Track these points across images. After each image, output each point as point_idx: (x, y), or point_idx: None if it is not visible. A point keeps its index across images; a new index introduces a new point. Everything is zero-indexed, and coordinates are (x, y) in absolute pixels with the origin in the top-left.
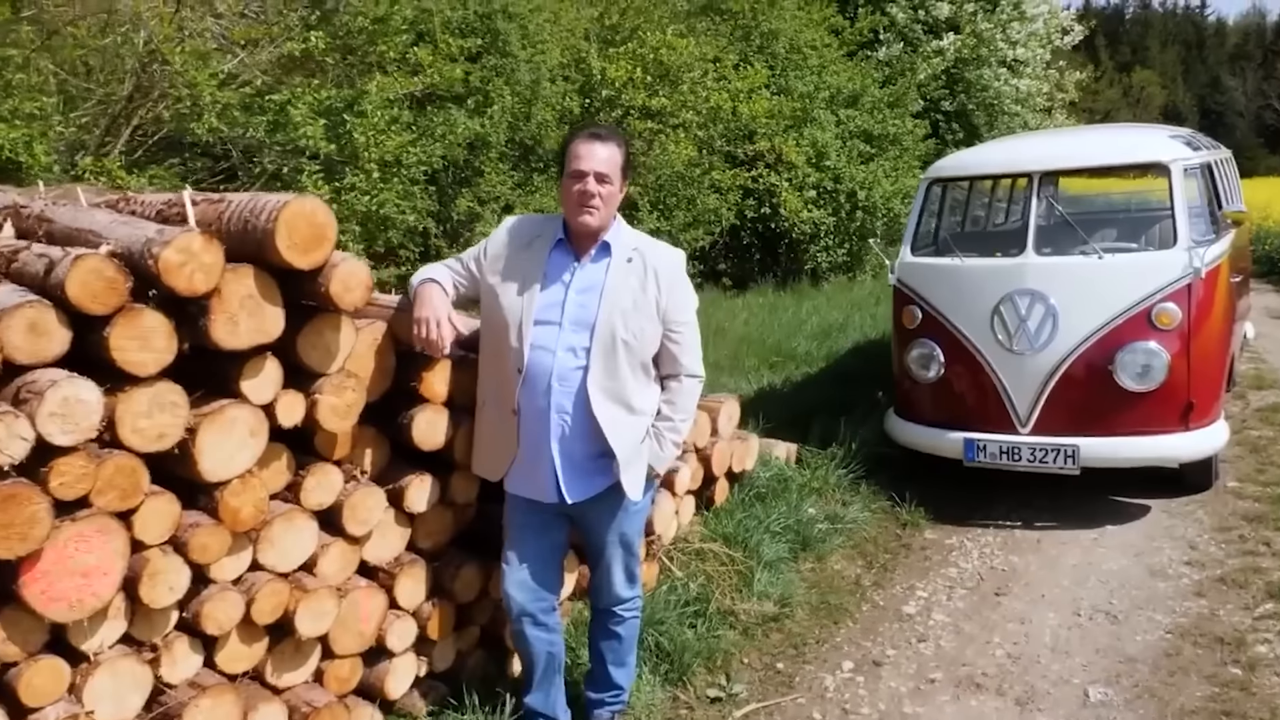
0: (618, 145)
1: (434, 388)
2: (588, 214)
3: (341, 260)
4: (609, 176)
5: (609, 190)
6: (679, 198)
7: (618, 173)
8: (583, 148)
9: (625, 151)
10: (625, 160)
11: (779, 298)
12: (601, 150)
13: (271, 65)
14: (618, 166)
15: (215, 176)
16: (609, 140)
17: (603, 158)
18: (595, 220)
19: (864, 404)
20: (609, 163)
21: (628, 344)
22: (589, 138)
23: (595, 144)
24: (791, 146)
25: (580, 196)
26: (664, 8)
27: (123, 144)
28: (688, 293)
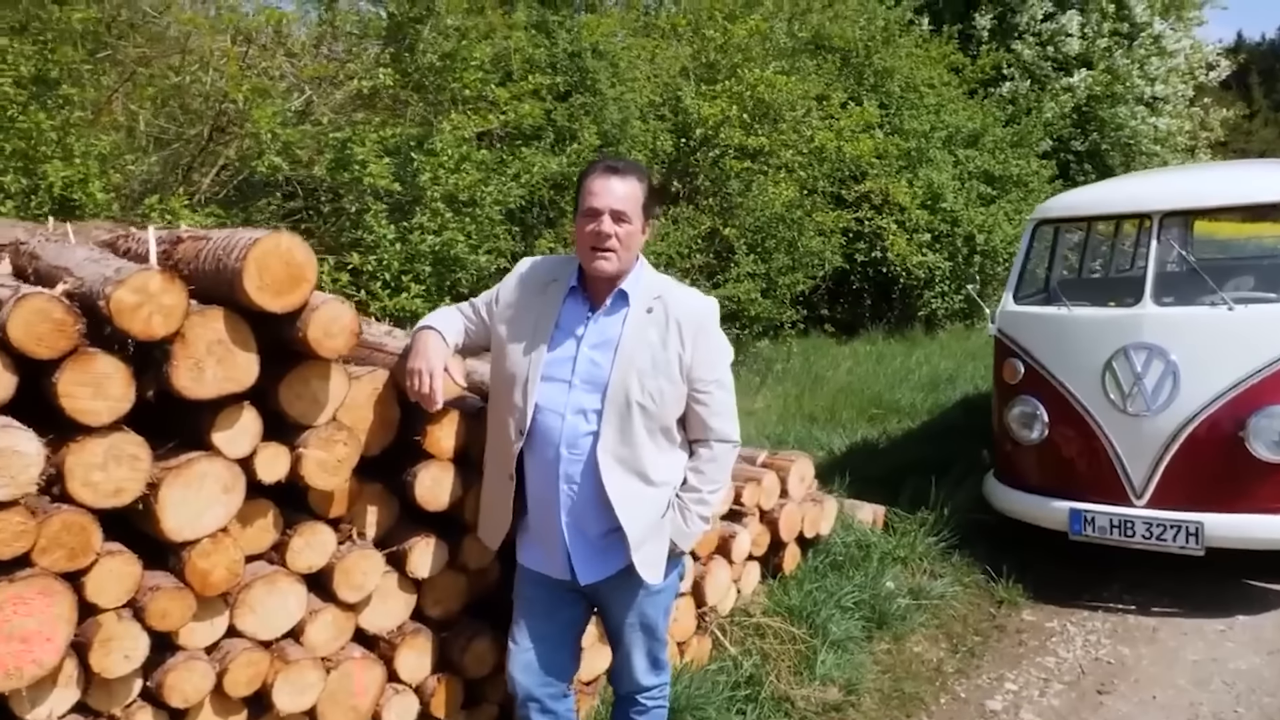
0: (638, 179)
1: (440, 442)
2: (603, 258)
3: (322, 303)
4: (627, 215)
5: (627, 231)
6: (778, 240)
7: (638, 210)
8: (597, 183)
9: (648, 186)
10: (648, 196)
11: (888, 345)
12: (619, 185)
13: (344, 103)
14: (638, 204)
15: (288, 217)
16: (628, 174)
17: (620, 194)
18: (611, 265)
19: (965, 464)
20: (627, 199)
21: (644, 407)
22: (604, 171)
23: (611, 178)
24: (900, 187)
25: (594, 238)
26: (767, 45)
27: (208, 184)
28: (717, 348)
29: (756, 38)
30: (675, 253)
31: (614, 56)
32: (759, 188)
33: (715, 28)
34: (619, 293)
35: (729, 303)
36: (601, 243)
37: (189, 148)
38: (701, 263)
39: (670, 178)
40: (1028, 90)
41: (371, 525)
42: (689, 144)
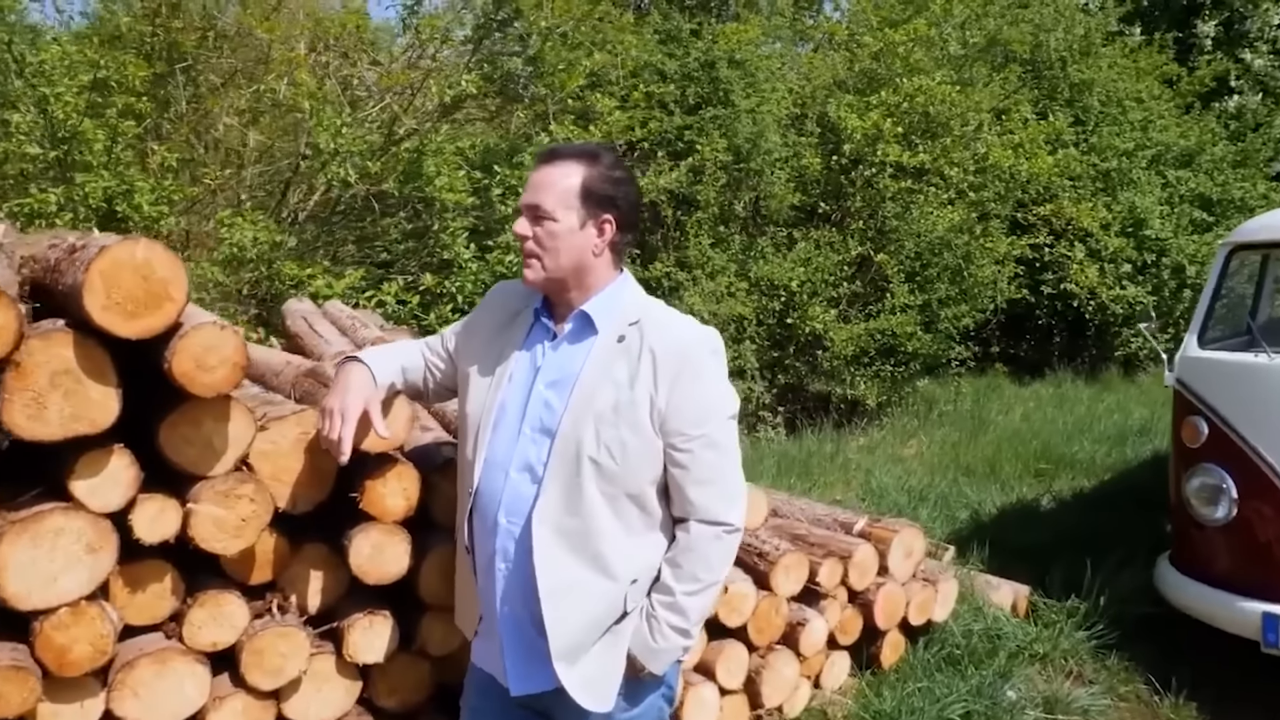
0: (578, 162)
1: (383, 501)
2: (525, 269)
3: (195, 327)
4: (544, 209)
5: (548, 231)
6: (940, 268)
7: (569, 203)
8: (531, 176)
9: (600, 173)
10: (595, 185)
11: (1074, 389)
12: (544, 174)
13: (431, 114)
14: (570, 194)
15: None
16: (563, 158)
17: (540, 183)
18: (532, 274)
19: (1140, 541)
20: (548, 190)
21: (599, 465)
22: (539, 160)
23: (541, 167)
24: (1089, 211)
25: (521, 242)
26: (933, 52)
27: (297, 200)
28: (707, 392)
29: (921, 44)
30: (822, 280)
31: (752, 66)
32: (919, 210)
33: (872, 33)
34: (580, 315)
35: (882, 336)
36: (522, 247)
37: (288, 164)
38: (852, 292)
39: (818, 199)
40: (1258, 104)
41: (313, 595)
42: (839, 162)
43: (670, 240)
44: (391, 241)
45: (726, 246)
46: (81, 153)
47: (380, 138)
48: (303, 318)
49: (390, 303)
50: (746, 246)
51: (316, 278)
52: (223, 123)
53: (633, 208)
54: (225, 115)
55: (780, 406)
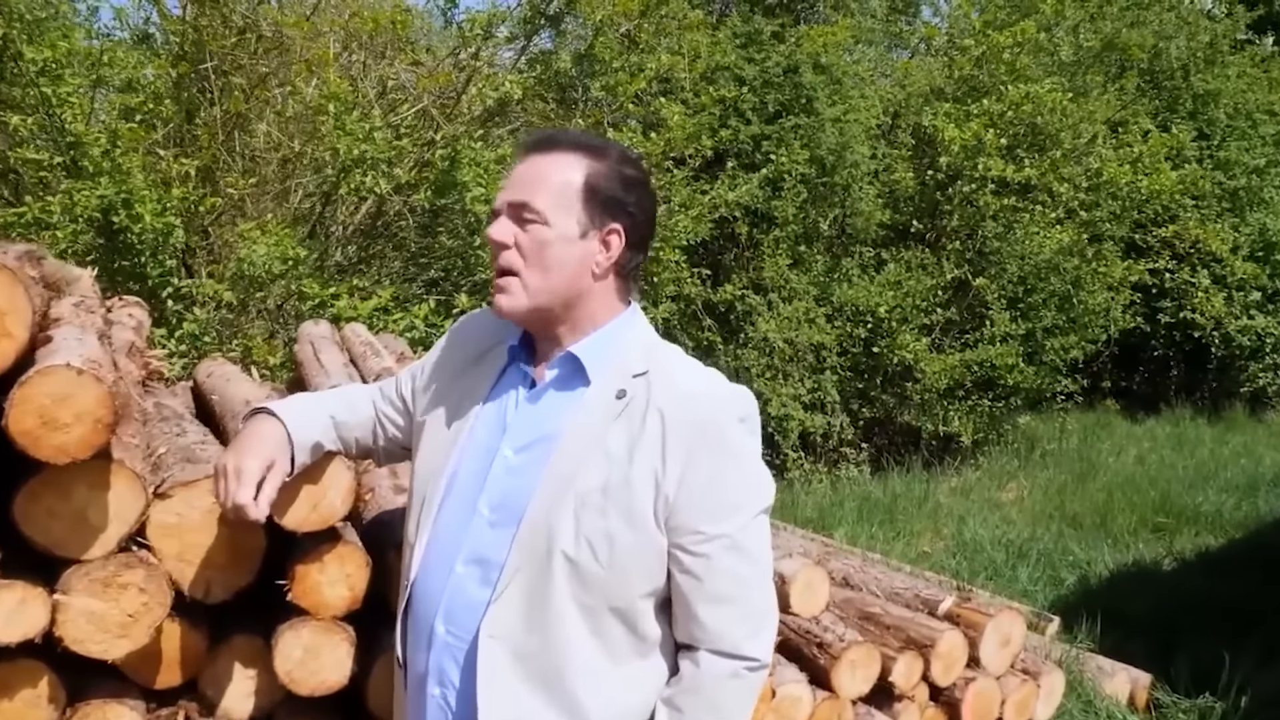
0: (583, 154)
1: (318, 592)
2: (499, 294)
3: (39, 372)
4: (532, 209)
5: (536, 237)
6: (1047, 294)
7: (568, 203)
8: (515, 169)
9: (609, 168)
10: (605, 184)
11: (1195, 428)
12: (534, 165)
13: (474, 120)
14: (570, 192)
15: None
16: (560, 148)
17: (529, 176)
18: (508, 300)
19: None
20: (542, 185)
21: (576, 566)
22: (526, 149)
23: (529, 157)
24: (1213, 232)
25: (494, 259)
26: (1042, 57)
27: (344, 215)
28: (734, 473)
29: (1029, 48)
30: (913, 306)
31: (839, 71)
32: (1023, 230)
33: (974, 36)
34: (568, 359)
35: (980, 368)
36: (495, 261)
37: (328, 175)
38: (946, 319)
39: (910, 217)
40: None
41: (239, 700)
42: (934, 177)
43: (745, 260)
44: (436, 258)
45: (807, 268)
46: (77, 159)
47: (413, 144)
48: (310, 343)
49: (420, 325)
50: (830, 268)
51: (340, 298)
52: (260, 130)
53: (648, 220)
54: (259, 120)
55: (864, 442)
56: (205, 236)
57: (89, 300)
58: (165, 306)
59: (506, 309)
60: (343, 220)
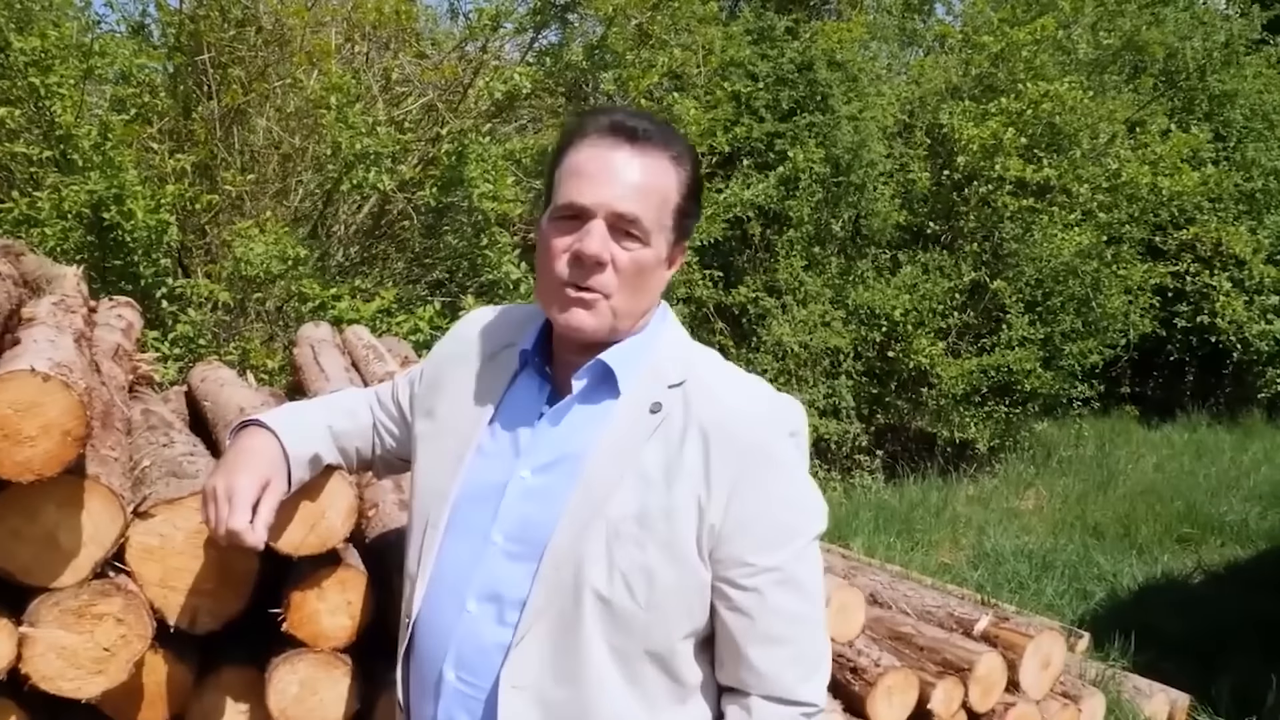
0: (672, 156)
1: (316, 621)
2: (580, 306)
3: (7, 379)
4: (641, 225)
5: (636, 259)
6: (1065, 298)
7: (665, 218)
8: (590, 155)
9: (690, 175)
10: (687, 194)
11: (1213, 435)
12: (634, 164)
13: (481, 114)
14: (668, 205)
15: (414, 259)
16: (653, 144)
17: (633, 181)
18: (594, 320)
19: None
20: (646, 194)
21: (609, 606)
22: (608, 133)
23: (621, 148)
24: (1239, 235)
25: (574, 265)
26: (1060, 55)
27: (346, 213)
28: (786, 498)
29: (1047, 45)
30: (929, 309)
31: (855, 67)
32: (1041, 231)
33: (991, 32)
34: (597, 368)
35: (997, 373)
36: (584, 275)
37: (325, 171)
38: (963, 323)
39: (925, 218)
40: None
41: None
42: (951, 177)
43: (758, 262)
44: (441, 259)
45: (821, 270)
46: (66, 153)
47: (418, 138)
48: (310, 346)
49: (425, 328)
50: (844, 270)
51: (342, 299)
52: (260, 125)
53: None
54: (258, 115)
55: (879, 449)
56: (202, 235)
57: (70, 299)
58: (159, 308)
59: (590, 329)
60: (344, 220)
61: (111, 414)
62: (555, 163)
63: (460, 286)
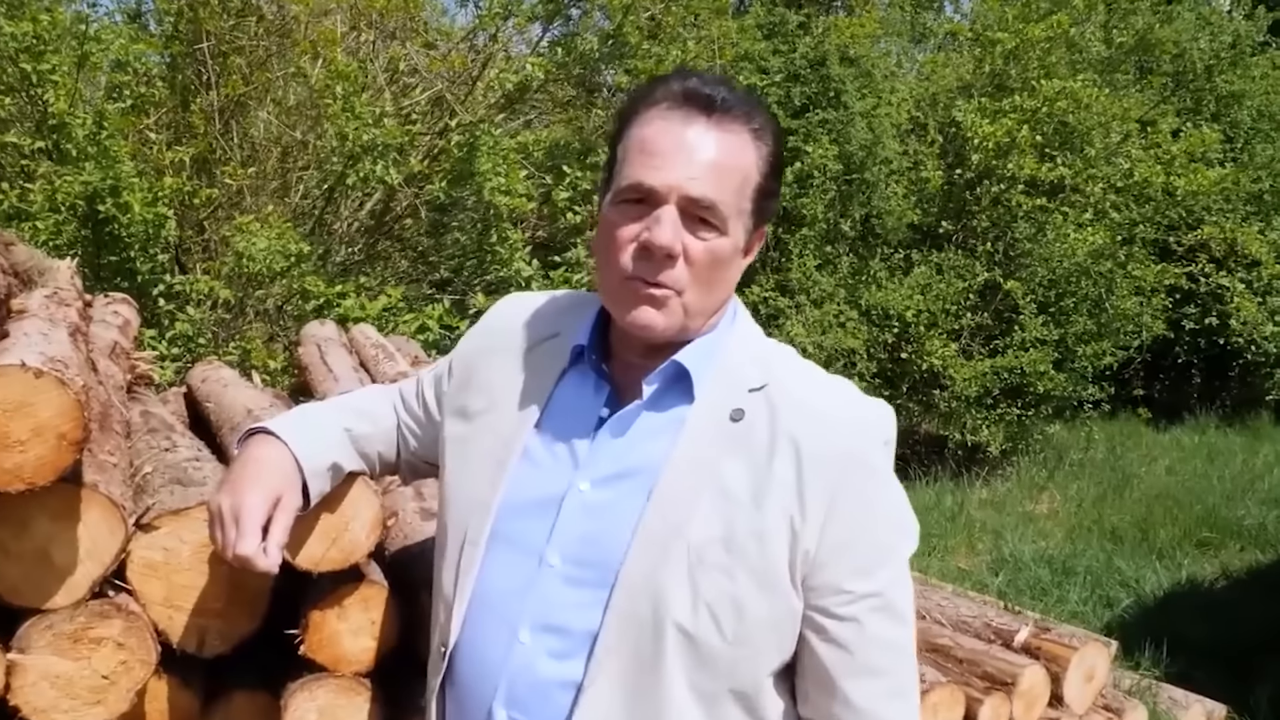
0: (749, 128)
1: (337, 643)
2: (648, 304)
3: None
4: (718, 211)
5: (711, 248)
6: (1079, 298)
7: (743, 203)
8: (660, 131)
9: (772, 152)
10: (769, 174)
11: (1222, 437)
12: (709, 141)
13: (491, 106)
14: (747, 186)
15: (418, 255)
16: (728, 117)
17: (706, 161)
18: (664, 320)
19: None
20: (724, 174)
21: (694, 642)
22: (681, 103)
23: (695, 122)
24: (1252, 235)
25: (641, 257)
26: (1073, 53)
27: (349, 209)
28: (883, 516)
29: (1060, 42)
30: (942, 310)
31: (868, 63)
32: (1055, 231)
33: (1006, 28)
34: (671, 370)
35: (1010, 375)
36: (654, 269)
37: (334, 165)
38: (975, 324)
39: (939, 217)
40: None
41: None
42: (964, 175)
43: (770, 261)
44: (449, 257)
45: (834, 269)
46: (60, 142)
47: (426, 130)
48: (317, 345)
49: (433, 327)
50: (856, 269)
51: (347, 297)
52: (261, 116)
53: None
54: (259, 106)
55: None
56: (200, 231)
57: (64, 293)
58: (156, 305)
59: (659, 329)
60: (346, 216)
61: (110, 416)
62: (619, 135)
63: (467, 284)
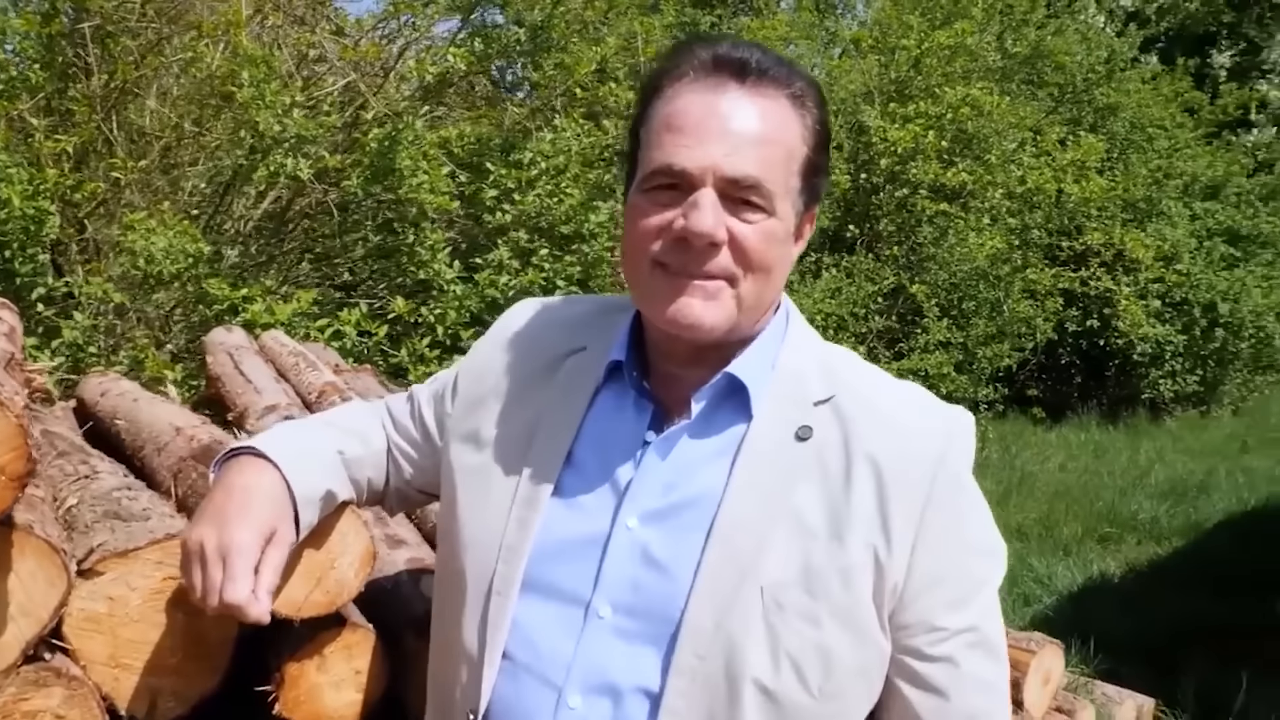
0: (788, 92)
1: (316, 698)
2: (693, 297)
3: None
4: (765, 191)
5: (764, 231)
6: (979, 302)
7: (792, 172)
8: (689, 104)
9: (816, 114)
10: (817, 136)
11: (1106, 435)
12: (746, 110)
13: (407, 99)
14: (795, 164)
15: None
16: (764, 82)
17: (745, 133)
18: (716, 316)
19: (1271, 631)
20: (764, 147)
21: (774, 699)
22: (709, 72)
23: (725, 91)
24: (1138, 240)
25: (677, 249)
26: (969, 61)
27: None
28: (973, 538)
29: (961, 51)
30: (849, 314)
31: None
32: (957, 236)
33: (910, 36)
34: (724, 382)
35: (915, 378)
36: (695, 261)
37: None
38: (882, 327)
39: (846, 221)
40: (1272, 139)
41: None
42: (869, 180)
43: None
44: (357, 260)
45: None
46: None
47: (341, 121)
48: (228, 354)
49: (350, 334)
50: None
51: (255, 301)
52: (149, 105)
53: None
54: (147, 95)
55: None
56: (80, 229)
57: None
58: (35, 311)
59: (709, 326)
60: (239, 214)
61: (40, 446)
62: (641, 117)
63: (390, 288)
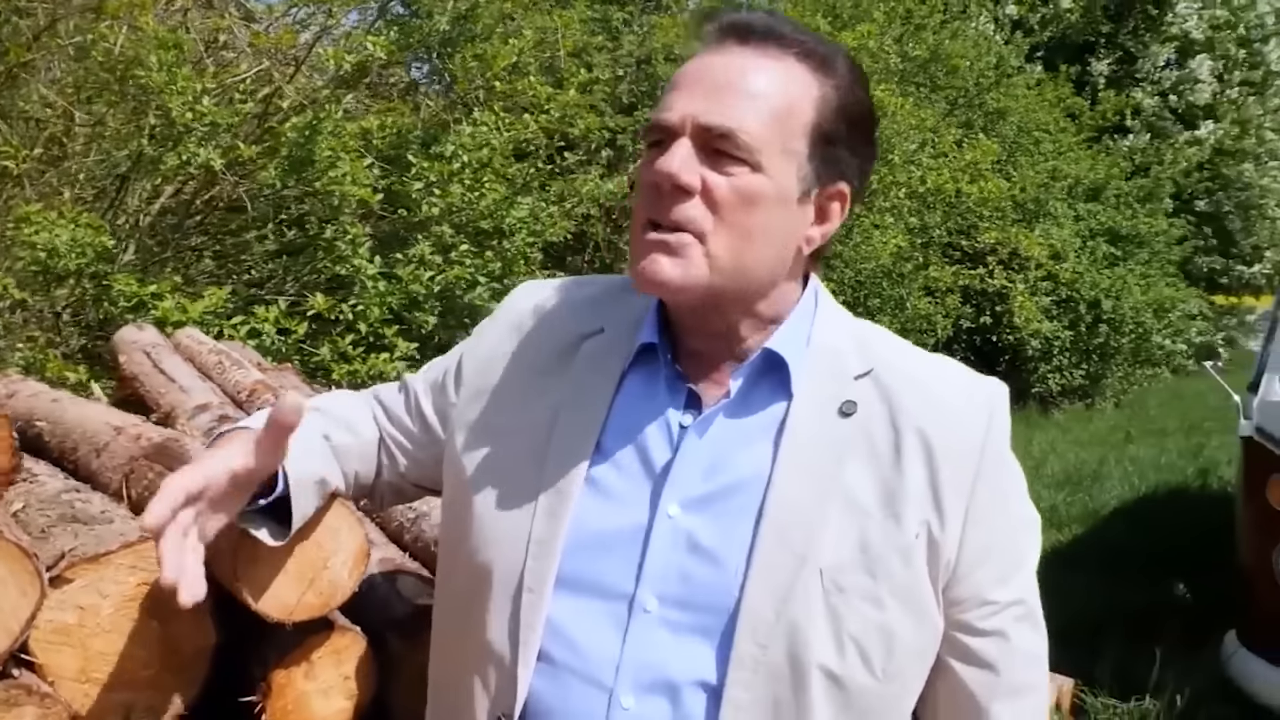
0: (793, 52)
1: (305, 708)
2: (658, 253)
3: None
4: (743, 140)
5: (753, 190)
6: (884, 299)
7: (797, 143)
8: (696, 62)
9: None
10: (838, 107)
11: None
12: (736, 65)
13: (323, 88)
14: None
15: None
16: (766, 42)
17: (728, 84)
18: (678, 272)
19: (1171, 609)
20: (760, 103)
21: (841, 684)
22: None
23: (724, 53)
24: (1033, 239)
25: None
26: (872, 63)
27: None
28: (1018, 512)
29: (865, 53)
30: None
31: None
32: (861, 234)
33: None
34: (761, 359)
35: None
36: (663, 208)
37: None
38: None
39: None
40: (1146, 144)
41: None
42: None
43: (600, 263)
44: (268, 254)
45: None
46: None
47: (255, 111)
48: (144, 353)
49: (269, 332)
50: None
51: (164, 298)
52: (39, 90)
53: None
54: (37, 80)
55: None
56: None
57: None
58: None
59: (676, 283)
60: (136, 207)
61: None
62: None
63: (305, 284)
